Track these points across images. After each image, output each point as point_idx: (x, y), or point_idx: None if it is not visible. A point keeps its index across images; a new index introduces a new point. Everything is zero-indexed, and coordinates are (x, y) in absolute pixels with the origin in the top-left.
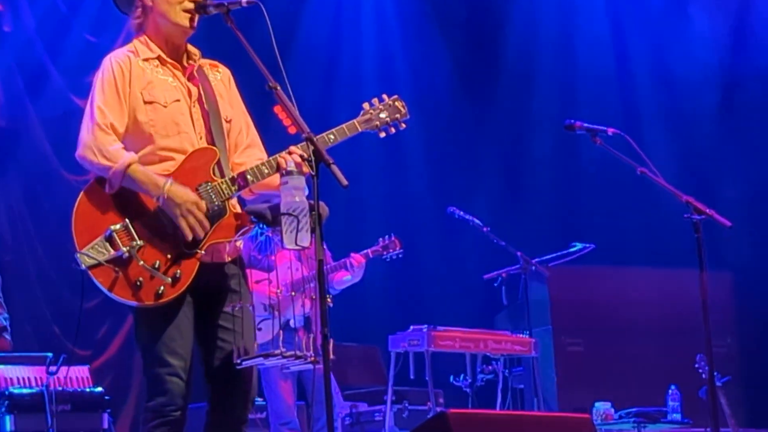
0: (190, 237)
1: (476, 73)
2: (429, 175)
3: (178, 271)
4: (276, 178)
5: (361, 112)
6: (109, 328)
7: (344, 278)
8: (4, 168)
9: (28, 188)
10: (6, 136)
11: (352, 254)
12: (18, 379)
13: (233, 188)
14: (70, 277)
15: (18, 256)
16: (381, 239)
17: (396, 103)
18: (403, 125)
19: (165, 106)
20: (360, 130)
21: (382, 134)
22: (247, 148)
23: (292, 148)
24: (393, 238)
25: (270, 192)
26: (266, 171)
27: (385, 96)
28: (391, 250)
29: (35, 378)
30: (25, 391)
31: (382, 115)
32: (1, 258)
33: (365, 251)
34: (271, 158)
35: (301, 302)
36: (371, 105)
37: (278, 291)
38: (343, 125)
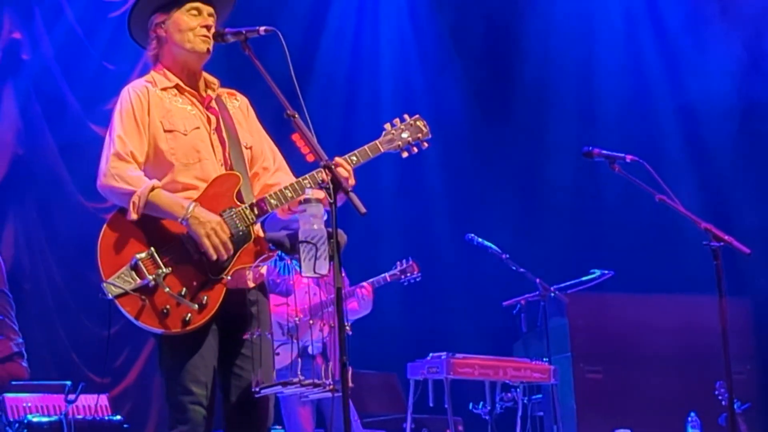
0: (214, 257)
1: (494, 98)
2: (447, 202)
3: (205, 297)
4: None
5: (383, 133)
6: (128, 356)
7: (353, 310)
8: (23, 195)
9: (46, 215)
10: (24, 163)
11: (364, 284)
12: (36, 407)
13: (254, 214)
14: (88, 304)
15: (36, 283)
16: (398, 263)
17: (417, 123)
18: (426, 144)
19: (185, 134)
20: (382, 150)
21: (405, 154)
22: (276, 171)
23: (338, 160)
24: (411, 262)
25: (282, 232)
26: (290, 194)
27: (406, 116)
28: (408, 274)
29: (53, 406)
30: (43, 419)
31: (404, 135)
32: (20, 285)
33: (382, 275)
34: (294, 182)
35: (319, 327)
36: (393, 125)
37: (296, 318)
38: (366, 146)
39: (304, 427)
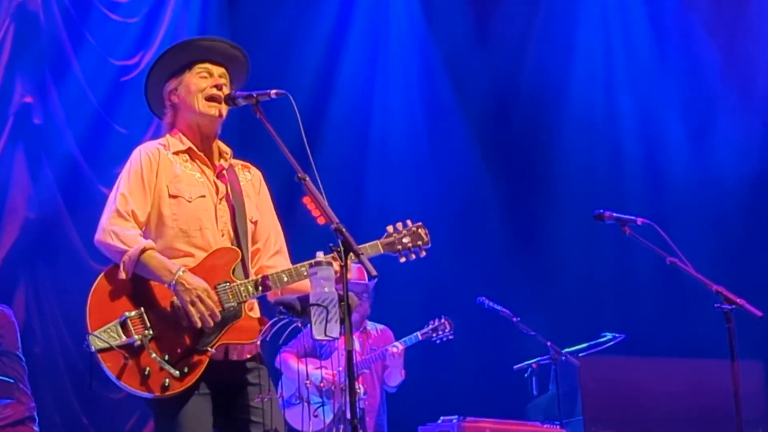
0: (199, 325)
1: (505, 159)
2: (456, 264)
3: (186, 367)
4: (298, 285)
5: (385, 234)
6: (138, 420)
7: (394, 378)
8: (34, 259)
9: (56, 279)
10: (36, 227)
11: (397, 344)
12: None
13: (257, 291)
14: (98, 368)
15: (47, 347)
16: (431, 321)
17: (419, 230)
18: (424, 253)
19: (189, 201)
20: (382, 251)
21: (402, 259)
22: (275, 254)
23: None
24: (443, 320)
25: (293, 295)
26: (285, 279)
27: (409, 222)
28: (440, 333)
29: None
30: None
31: (405, 240)
32: (31, 349)
33: (414, 334)
34: (292, 267)
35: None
36: (395, 229)
37: (333, 385)
38: (366, 245)
39: None
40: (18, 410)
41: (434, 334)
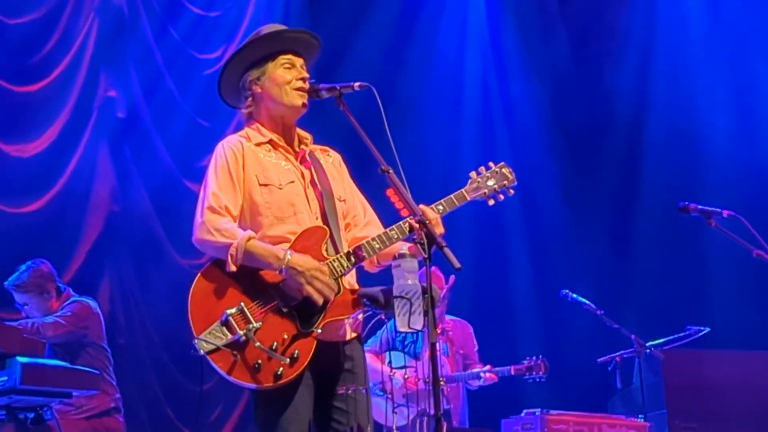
0: (320, 302)
1: (586, 150)
2: (540, 257)
3: (296, 351)
4: (393, 249)
5: (469, 181)
6: (223, 411)
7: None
8: (118, 252)
9: (140, 272)
10: (120, 220)
11: (492, 373)
12: None
13: (349, 263)
14: (182, 359)
15: (131, 339)
16: (527, 359)
17: (503, 170)
18: (512, 192)
19: (280, 188)
20: (468, 198)
21: (491, 202)
22: (366, 225)
23: (424, 208)
24: (540, 361)
25: (376, 288)
26: (377, 246)
27: (491, 163)
28: (534, 372)
29: None
30: None
31: (490, 183)
32: (115, 341)
33: (508, 368)
34: (382, 233)
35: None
36: (478, 173)
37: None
38: (452, 195)
39: None
40: (104, 401)
41: (527, 373)
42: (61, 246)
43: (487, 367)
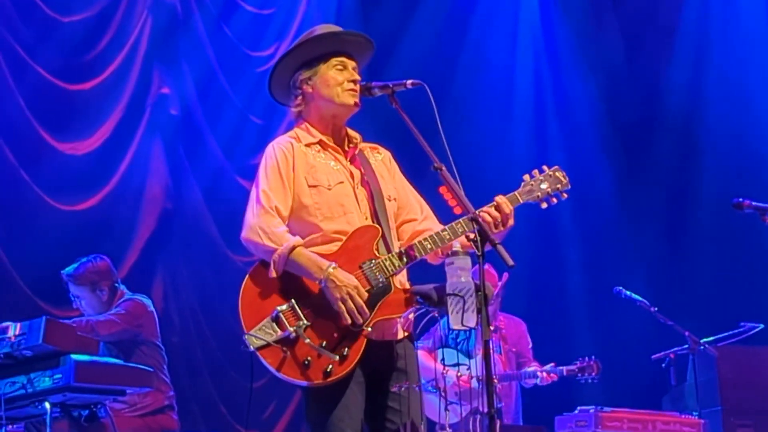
0: (348, 322)
1: (639, 147)
2: (593, 254)
3: (346, 349)
4: (449, 246)
5: (522, 184)
6: (276, 408)
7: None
8: (172, 250)
9: (194, 269)
10: (173, 217)
11: (553, 374)
12: None
13: (401, 262)
14: (236, 357)
15: (185, 336)
16: (579, 360)
17: (557, 174)
18: (565, 195)
19: (329, 189)
20: (521, 201)
21: (544, 205)
22: (424, 220)
23: (499, 199)
24: (592, 362)
25: (429, 285)
26: (429, 246)
27: (545, 167)
28: (586, 373)
29: None
30: None
31: (543, 186)
32: (169, 338)
33: (560, 368)
34: (434, 233)
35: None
36: (531, 176)
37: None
38: (505, 197)
39: None
40: (158, 399)
41: (579, 374)
42: (115, 244)
43: (546, 367)
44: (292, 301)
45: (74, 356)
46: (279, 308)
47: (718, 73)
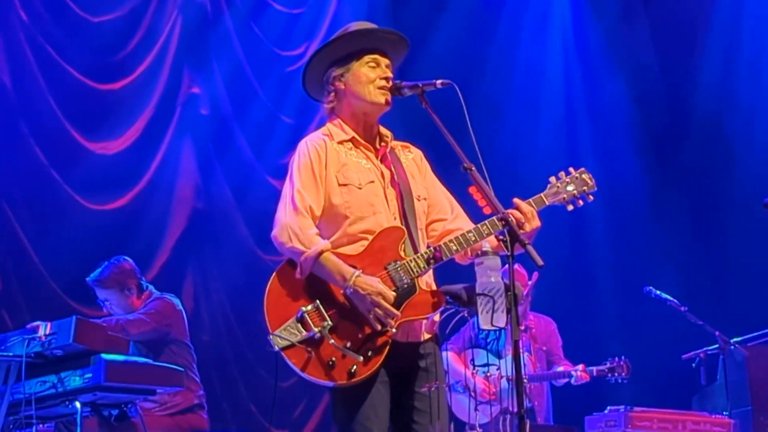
0: (378, 328)
1: (668, 146)
2: (624, 254)
3: (371, 349)
4: (477, 247)
5: (548, 186)
6: (306, 408)
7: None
8: (201, 248)
9: (224, 268)
10: (203, 216)
11: (585, 373)
12: None
13: (427, 264)
14: (265, 356)
15: (215, 335)
16: (609, 360)
17: (583, 176)
18: (591, 198)
19: (359, 188)
20: (547, 203)
21: (570, 207)
22: (455, 218)
23: (518, 201)
24: (622, 362)
25: (459, 285)
26: (455, 248)
27: (571, 169)
28: (617, 374)
29: None
30: None
31: (570, 188)
32: (199, 338)
33: (590, 368)
34: (460, 235)
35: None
36: (558, 178)
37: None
38: (530, 199)
39: None
40: (188, 398)
41: (609, 374)
42: (145, 243)
43: (579, 366)
44: (318, 301)
45: (104, 355)
46: (304, 309)
47: (750, 72)
